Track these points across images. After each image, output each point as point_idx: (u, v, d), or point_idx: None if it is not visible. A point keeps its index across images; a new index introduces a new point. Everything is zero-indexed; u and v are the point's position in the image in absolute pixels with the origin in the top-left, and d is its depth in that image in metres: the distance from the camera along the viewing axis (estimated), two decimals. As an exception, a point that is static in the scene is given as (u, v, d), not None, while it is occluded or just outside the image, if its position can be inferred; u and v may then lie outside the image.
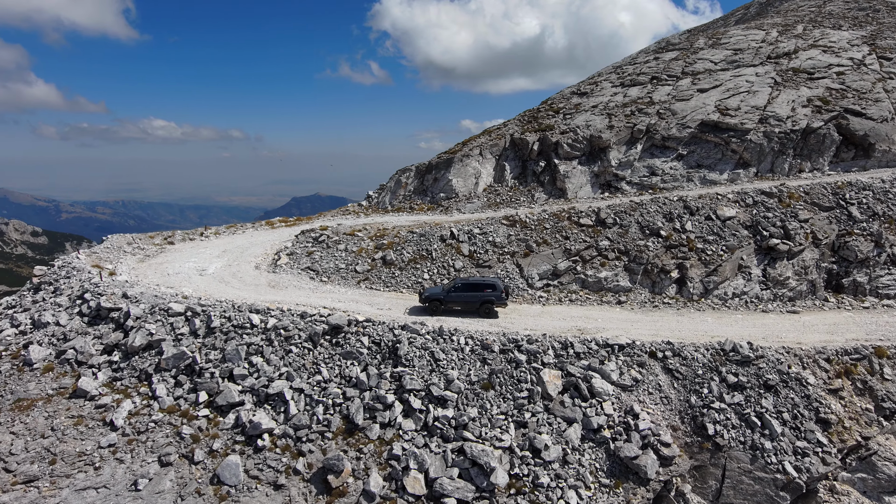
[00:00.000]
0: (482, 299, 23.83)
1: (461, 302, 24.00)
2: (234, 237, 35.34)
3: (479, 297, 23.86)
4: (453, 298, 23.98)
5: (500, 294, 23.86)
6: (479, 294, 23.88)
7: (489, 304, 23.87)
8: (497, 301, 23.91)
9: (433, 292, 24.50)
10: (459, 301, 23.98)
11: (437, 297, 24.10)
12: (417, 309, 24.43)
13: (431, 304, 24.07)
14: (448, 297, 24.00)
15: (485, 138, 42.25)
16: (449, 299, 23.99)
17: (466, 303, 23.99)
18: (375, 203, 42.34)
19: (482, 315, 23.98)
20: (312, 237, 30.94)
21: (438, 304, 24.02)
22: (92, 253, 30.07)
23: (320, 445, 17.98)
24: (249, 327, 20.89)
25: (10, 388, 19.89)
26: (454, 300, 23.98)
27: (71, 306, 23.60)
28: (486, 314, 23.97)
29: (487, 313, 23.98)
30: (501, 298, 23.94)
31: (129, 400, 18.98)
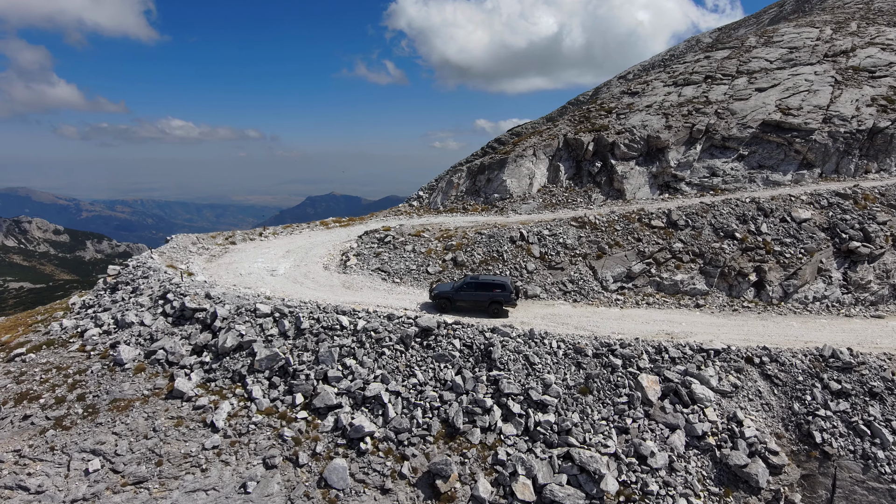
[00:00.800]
0: (491, 298, 23.53)
1: (470, 300, 23.76)
2: (292, 237, 35.38)
3: (488, 297, 23.56)
4: (462, 297, 23.79)
5: (510, 294, 23.50)
6: (488, 293, 23.59)
7: (498, 303, 23.55)
8: (506, 301, 23.56)
9: (442, 289, 24.29)
10: (468, 300, 23.75)
11: (445, 295, 23.92)
12: (429, 306, 24.33)
13: (440, 301, 23.94)
14: (456, 295, 23.81)
15: (536, 139, 41.91)
16: (457, 297, 23.81)
17: (475, 301, 23.73)
18: (426, 203, 42.19)
19: (490, 314, 23.66)
20: (377, 238, 30.83)
21: (447, 302, 23.89)
22: (161, 253, 30.22)
23: (422, 449, 17.80)
24: (339, 329, 20.78)
25: (105, 389, 20.00)
26: (463, 298, 23.78)
27: (153, 306, 23.69)
28: (494, 314, 23.64)
29: (496, 313, 23.65)
30: (511, 298, 23.58)
31: (226, 401, 18.95)
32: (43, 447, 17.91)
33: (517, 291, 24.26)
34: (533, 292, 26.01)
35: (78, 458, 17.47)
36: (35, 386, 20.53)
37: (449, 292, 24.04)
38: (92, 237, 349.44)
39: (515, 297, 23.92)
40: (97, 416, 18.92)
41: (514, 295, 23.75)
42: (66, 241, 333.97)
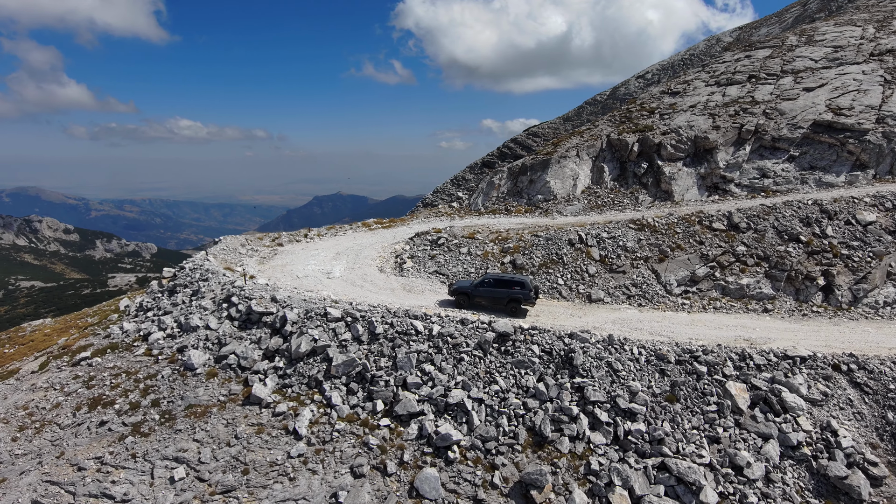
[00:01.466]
0: (509, 296, 23.57)
1: (488, 297, 23.90)
2: (337, 239, 35.06)
3: (507, 294, 23.61)
4: (480, 293, 23.95)
5: (528, 293, 23.42)
6: (506, 291, 23.64)
7: (516, 301, 23.56)
8: (524, 299, 23.51)
9: (461, 285, 24.45)
10: (486, 296, 23.90)
11: (464, 291, 24.07)
12: (447, 302, 24.51)
13: (459, 297, 24.15)
14: (475, 291, 23.98)
15: (578, 139, 41.45)
16: (476, 294, 23.99)
17: (493, 299, 23.85)
18: (467, 205, 41.80)
19: (508, 313, 23.63)
20: (429, 240, 30.46)
21: (466, 298, 24.08)
22: (213, 255, 29.94)
23: (511, 458, 17.39)
24: (414, 334, 20.40)
25: (179, 394, 19.69)
26: (481, 295, 23.94)
27: (217, 310, 23.40)
28: (511, 312, 23.63)
29: (513, 311, 23.65)
30: (529, 297, 23.49)
31: (306, 408, 18.60)
32: (124, 454, 17.63)
33: (536, 290, 24.15)
34: (597, 296, 25.55)
35: (161, 466, 17.17)
36: (107, 391, 20.26)
37: (468, 288, 24.17)
38: (101, 236, 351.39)
39: (535, 295, 23.83)
40: (175, 422, 18.61)
41: (532, 293, 23.61)
42: (76, 240, 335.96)
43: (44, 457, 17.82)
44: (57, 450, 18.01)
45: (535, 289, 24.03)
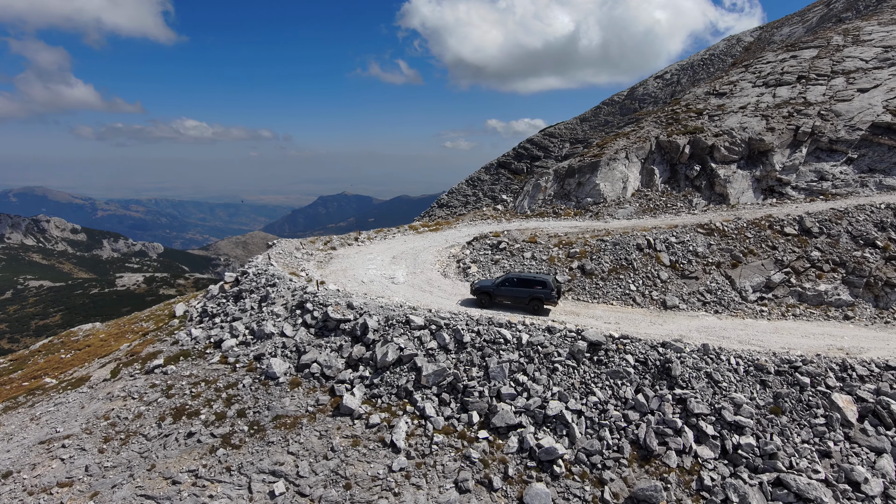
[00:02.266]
0: (531, 295, 23.49)
1: (510, 296, 23.90)
2: (388, 242, 34.58)
3: (529, 293, 23.54)
4: (502, 292, 23.93)
5: (550, 292, 23.27)
6: (528, 290, 23.57)
7: (538, 300, 23.49)
8: (546, 298, 23.39)
9: (483, 284, 24.47)
10: (508, 295, 23.89)
11: (486, 290, 24.08)
12: (469, 301, 24.63)
13: (480, 296, 24.17)
14: (497, 290, 23.96)
15: (625, 141, 40.87)
16: (498, 293, 23.97)
17: (515, 297, 23.84)
18: (512, 207, 41.27)
19: (530, 312, 23.56)
20: (489, 244, 29.92)
21: (487, 297, 24.09)
22: (273, 259, 29.47)
23: (619, 473, 16.83)
24: (503, 343, 19.87)
25: (264, 404, 19.22)
26: (503, 294, 23.94)
27: (290, 316, 22.93)
28: (533, 311, 23.56)
29: (535, 310, 23.58)
30: (551, 296, 23.32)
31: (399, 420, 18.09)
32: (218, 467, 17.15)
33: (559, 290, 23.95)
34: (672, 303, 24.97)
35: (258, 480, 16.69)
36: (188, 400, 19.80)
37: (490, 287, 24.14)
38: (108, 236, 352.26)
39: (557, 295, 23.62)
40: (265, 433, 18.13)
41: (554, 293, 23.38)
42: (83, 239, 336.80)
43: (134, 469, 17.36)
44: (147, 462, 17.54)
45: (557, 288, 23.82)
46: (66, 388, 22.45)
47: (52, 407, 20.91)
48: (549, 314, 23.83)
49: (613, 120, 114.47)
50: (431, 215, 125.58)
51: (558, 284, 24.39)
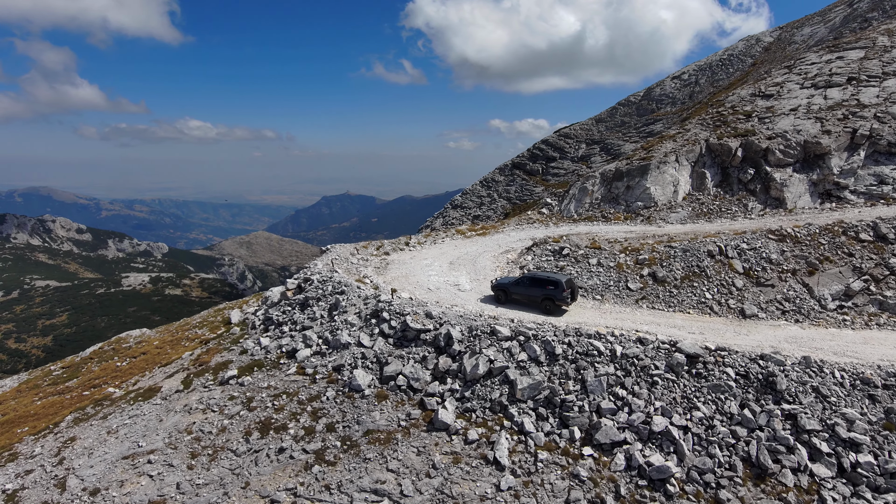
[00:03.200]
0: (544, 295, 23.90)
1: (524, 295, 24.47)
2: (439, 247, 33.97)
3: (542, 293, 23.97)
4: (518, 290, 24.60)
5: (562, 293, 23.50)
6: (541, 290, 23.99)
7: (549, 300, 23.83)
8: (557, 298, 23.65)
9: (502, 282, 25.24)
10: (523, 294, 24.48)
11: (503, 287, 24.87)
12: (490, 297, 25.54)
13: (498, 292, 25.03)
14: (514, 288, 24.68)
15: (672, 144, 40.21)
16: (514, 290, 24.69)
17: (529, 296, 24.39)
18: (558, 211, 40.62)
19: (543, 311, 23.98)
20: (551, 250, 29.29)
21: (504, 294, 24.90)
22: (326, 264, 28.88)
23: (734, 492, 16.18)
24: (597, 355, 19.24)
25: (353, 418, 18.62)
26: (518, 292, 24.58)
27: (366, 325, 22.32)
28: (546, 310, 23.93)
29: (548, 310, 23.92)
30: (563, 297, 23.53)
31: (498, 435, 17.47)
32: (316, 485, 16.55)
33: (573, 292, 24.14)
34: (751, 312, 24.32)
35: (360, 499, 16.08)
36: (272, 414, 19.20)
37: (507, 285, 24.84)
38: (113, 236, 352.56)
39: (570, 297, 23.84)
40: (359, 449, 17.52)
41: (566, 294, 23.58)
42: (88, 239, 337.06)
43: (228, 487, 16.76)
44: (240, 479, 16.94)
45: (571, 290, 23.97)
46: (136, 399, 21.85)
47: (128, 419, 20.32)
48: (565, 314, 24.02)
49: (630, 121, 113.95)
50: (445, 216, 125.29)
51: (573, 286, 24.45)
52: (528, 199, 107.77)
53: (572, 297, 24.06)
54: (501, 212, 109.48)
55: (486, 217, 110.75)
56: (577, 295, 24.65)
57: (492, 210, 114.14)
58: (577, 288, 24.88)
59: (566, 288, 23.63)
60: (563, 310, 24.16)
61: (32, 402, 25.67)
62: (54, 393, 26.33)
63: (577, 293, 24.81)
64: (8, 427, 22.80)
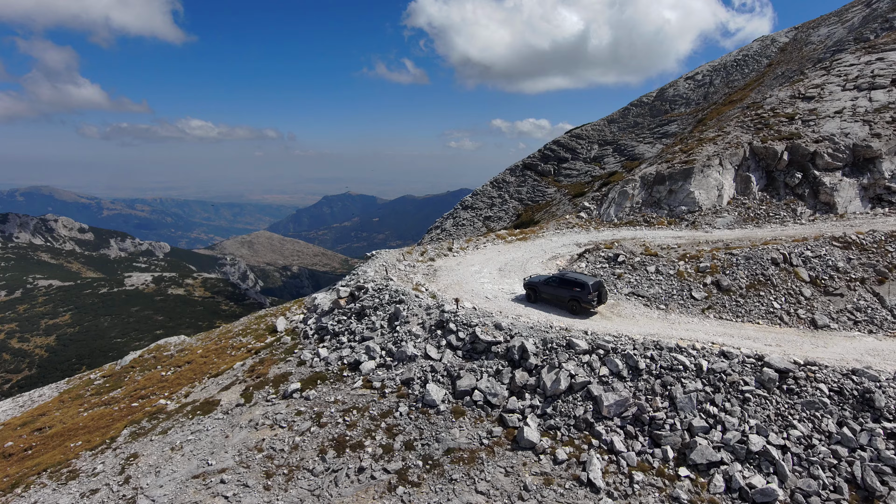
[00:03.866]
0: (570, 296, 24.05)
1: (552, 294, 24.68)
2: (483, 253, 33.26)
3: (568, 294, 24.10)
4: (546, 290, 24.82)
5: (587, 295, 23.56)
6: (568, 291, 24.14)
7: (576, 301, 23.96)
8: (583, 300, 23.70)
9: (532, 280, 25.59)
10: (551, 293, 24.70)
11: (534, 286, 25.25)
12: (521, 297, 25.89)
13: (529, 290, 25.43)
14: (543, 287, 24.93)
15: (713, 146, 39.48)
16: (543, 290, 24.94)
17: (556, 296, 24.59)
18: (597, 215, 39.87)
19: (569, 311, 24.18)
20: (604, 256, 28.56)
21: (533, 292, 25.24)
22: (376, 271, 28.13)
23: (843, 517, 15.46)
24: (683, 370, 18.50)
25: (431, 435, 17.88)
26: (547, 292, 24.80)
27: (431, 337, 21.58)
28: (572, 311, 24.13)
29: (574, 310, 24.09)
30: (589, 300, 23.58)
31: (592, 455, 16.72)
32: (404, 508, 15.80)
33: (600, 295, 24.09)
34: (822, 322, 23.61)
35: (453, 523, 15.33)
36: (345, 430, 18.47)
37: (538, 284, 25.16)
38: (115, 235, 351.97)
39: (595, 300, 23.81)
40: (442, 469, 16.79)
41: (592, 296, 23.60)
42: (90, 239, 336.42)
43: (309, 509, 16.01)
44: (321, 501, 16.22)
45: (598, 292, 24.00)
46: (194, 412, 21.11)
47: (191, 435, 19.57)
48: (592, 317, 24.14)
49: (643, 121, 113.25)
50: (456, 217, 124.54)
51: (600, 289, 24.27)
52: (541, 201, 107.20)
53: (599, 299, 24.01)
54: (513, 213, 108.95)
55: (497, 218, 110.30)
56: (604, 298, 24.53)
57: (503, 211, 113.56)
58: (606, 291, 24.66)
59: (592, 291, 23.58)
60: (590, 312, 24.21)
61: (78, 414, 24.93)
62: (100, 404, 25.59)
63: (606, 296, 24.67)
64: (59, 440, 22.07)
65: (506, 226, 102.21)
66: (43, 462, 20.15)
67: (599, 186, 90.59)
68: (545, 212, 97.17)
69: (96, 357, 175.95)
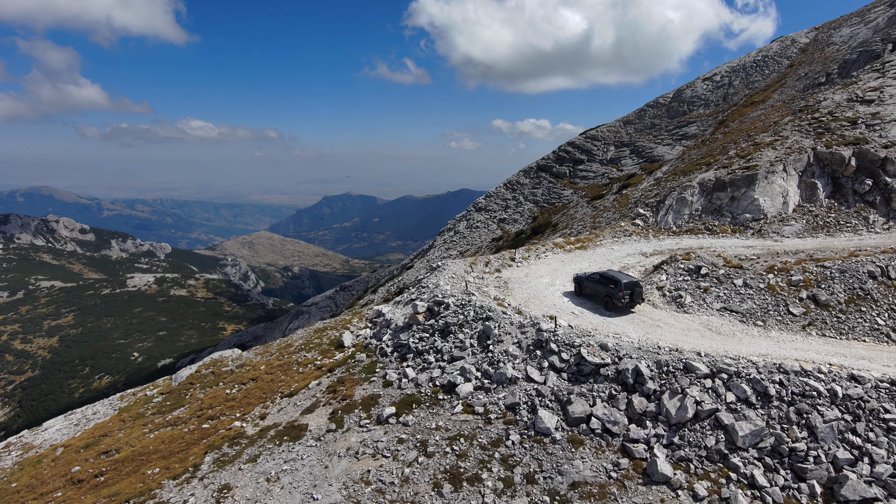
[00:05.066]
0: (605, 292, 24.95)
1: (592, 290, 25.88)
2: (546, 263, 32.11)
3: (604, 290, 24.99)
4: (588, 285, 26.16)
5: (619, 292, 24.22)
6: (604, 287, 25.06)
7: (609, 297, 24.76)
8: (614, 297, 24.40)
9: (580, 275, 27.15)
10: (591, 289, 25.92)
11: (580, 280, 26.82)
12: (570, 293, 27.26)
13: (576, 284, 27.08)
14: (586, 282, 26.28)
15: (772, 152, 38.35)
16: (586, 285, 26.28)
17: (595, 292, 25.70)
18: (654, 222, 38.70)
19: (605, 307, 25.06)
20: (685, 268, 27.39)
21: (579, 287, 26.82)
22: (473, 287, 26.91)
23: None
24: (816, 396, 17.32)
25: (553, 467, 16.68)
26: (589, 287, 26.08)
27: (530, 358, 20.40)
28: (607, 306, 25.00)
29: (609, 306, 24.91)
30: (619, 296, 24.21)
31: (735, 491, 15.54)
32: (539, 550, 14.59)
33: (633, 295, 24.43)
34: (931, 339, 22.43)
35: (595, 568, 14.12)
36: (456, 461, 17.28)
37: (583, 279, 26.64)
38: (116, 236, 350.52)
39: (628, 298, 24.28)
40: (573, 506, 15.58)
41: (623, 294, 24.15)
42: (91, 240, 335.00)
43: (436, 551, 14.80)
44: (447, 542, 14.98)
45: (632, 291, 24.40)
46: (281, 438, 19.88)
47: (285, 464, 18.35)
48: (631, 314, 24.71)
49: (661, 123, 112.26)
50: (469, 219, 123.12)
51: (633, 288, 24.54)
52: (557, 203, 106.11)
53: (632, 298, 24.40)
54: (529, 215, 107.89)
55: (512, 221, 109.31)
56: (638, 298, 24.74)
57: (518, 214, 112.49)
58: (640, 292, 24.87)
59: (624, 289, 24.18)
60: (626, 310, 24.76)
61: (144, 435, 23.68)
62: (165, 424, 24.34)
63: (640, 297, 24.93)
64: (132, 466, 20.82)
65: (522, 228, 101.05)
66: (122, 492, 18.91)
67: (619, 189, 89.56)
68: (563, 214, 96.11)
69: (100, 358, 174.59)
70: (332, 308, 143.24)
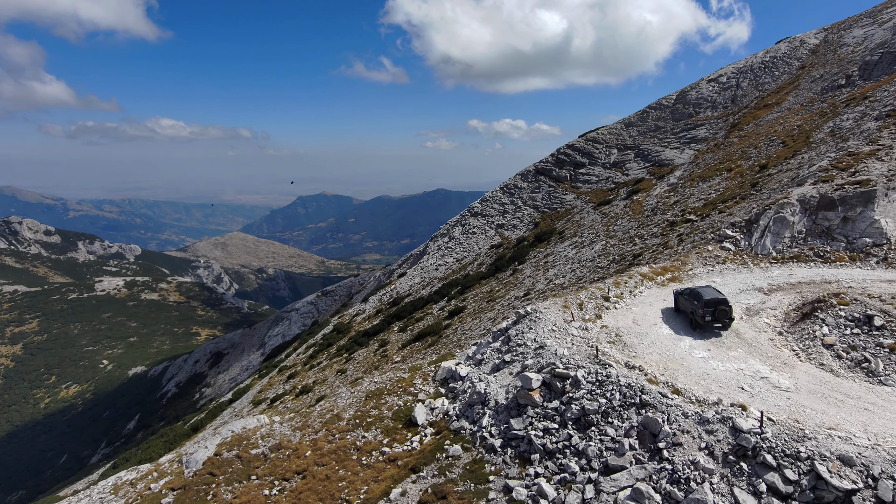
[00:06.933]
0: (691, 308, 24.12)
1: (684, 306, 24.96)
2: (648, 302, 26.27)
3: (690, 307, 24.21)
4: (681, 300, 25.29)
5: (698, 309, 23.23)
6: (690, 303, 24.26)
7: (692, 314, 23.93)
8: (696, 314, 23.45)
9: (680, 289, 26.07)
10: (683, 305, 25.05)
11: (677, 295, 25.77)
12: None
13: (675, 297, 25.98)
14: (680, 298, 25.45)
15: (880, 164, 32.97)
16: (679, 300, 25.51)
17: (685, 308, 24.89)
18: (747, 246, 32.95)
19: (690, 325, 24.14)
20: (847, 318, 21.67)
21: (676, 301, 25.84)
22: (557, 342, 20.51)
23: None
24: None
25: None
26: (681, 303, 25.24)
27: (731, 473, 14.20)
28: (691, 323, 24.14)
29: (692, 323, 24.04)
30: (700, 314, 23.11)
31: None
32: None
33: (716, 314, 22.82)
34: None
35: None
36: None
37: (678, 294, 25.68)
38: (83, 238, 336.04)
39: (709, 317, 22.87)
40: None
41: (702, 312, 22.91)
42: (57, 242, 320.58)
43: None
44: None
45: (713, 309, 22.81)
46: None
47: None
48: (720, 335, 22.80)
49: (665, 125, 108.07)
50: (465, 224, 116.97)
51: (716, 307, 22.82)
52: (559, 208, 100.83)
53: (714, 317, 22.79)
54: (529, 221, 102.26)
55: (511, 226, 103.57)
56: (721, 318, 22.83)
57: (517, 219, 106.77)
58: (727, 311, 22.80)
59: (703, 306, 22.92)
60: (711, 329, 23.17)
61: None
62: (182, 549, 17.33)
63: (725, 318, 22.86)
64: None
65: (523, 235, 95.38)
66: None
67: (628, 194, 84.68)
68: (567, 220, 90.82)
69: (66, 366, 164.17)
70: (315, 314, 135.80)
